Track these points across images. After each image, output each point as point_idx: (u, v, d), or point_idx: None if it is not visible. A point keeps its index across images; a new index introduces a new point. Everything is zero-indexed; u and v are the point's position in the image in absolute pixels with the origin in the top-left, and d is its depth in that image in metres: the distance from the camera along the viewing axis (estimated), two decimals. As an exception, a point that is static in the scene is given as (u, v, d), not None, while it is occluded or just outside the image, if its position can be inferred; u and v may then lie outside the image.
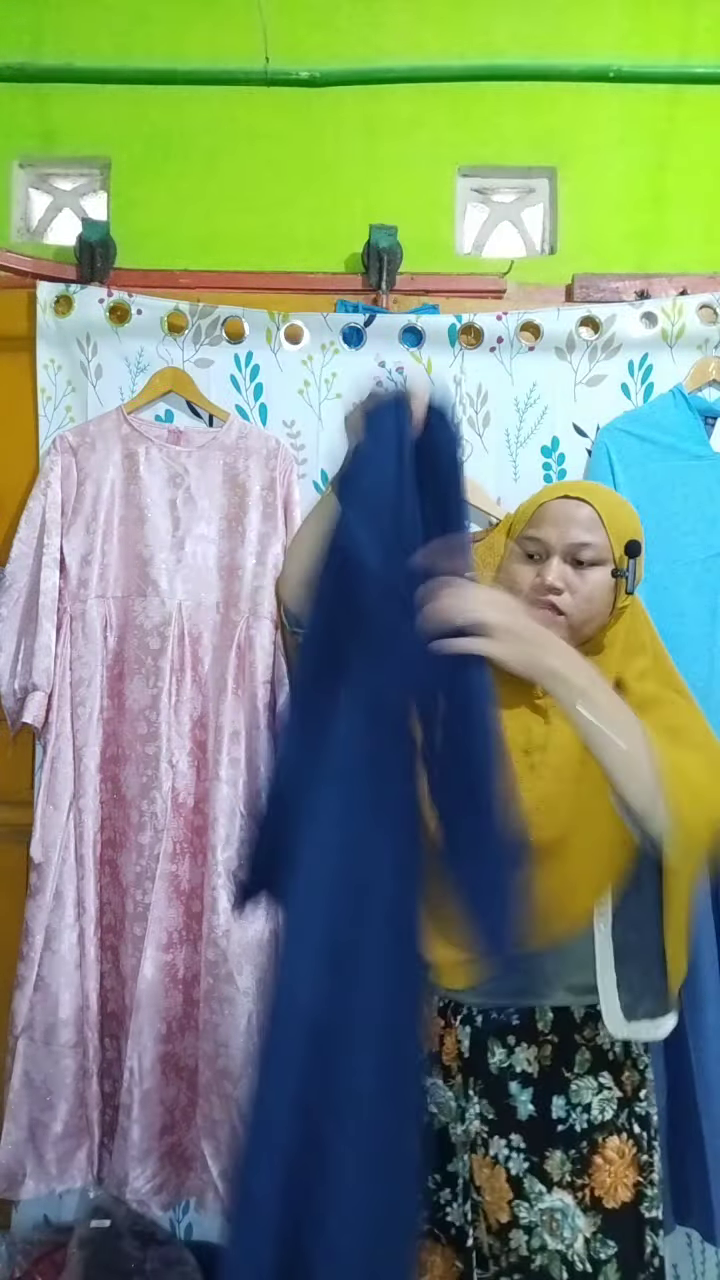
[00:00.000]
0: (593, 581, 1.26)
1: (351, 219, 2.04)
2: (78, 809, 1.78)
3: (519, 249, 2.18)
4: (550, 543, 1.27)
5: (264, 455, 1.87)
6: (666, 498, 1.83)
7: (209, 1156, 1.70)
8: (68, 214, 2.20)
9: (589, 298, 2.01)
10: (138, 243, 2.05)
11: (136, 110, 2.10)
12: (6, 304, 1.95)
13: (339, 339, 1.92)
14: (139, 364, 1.93)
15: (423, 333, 1.92)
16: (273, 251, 2.07)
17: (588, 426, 1.91)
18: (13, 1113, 1.73)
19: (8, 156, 2.14)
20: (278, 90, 2.09)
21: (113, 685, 1.82)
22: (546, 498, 1.32)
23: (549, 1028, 1.26)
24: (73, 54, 2.10)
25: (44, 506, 1.84)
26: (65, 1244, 1.75)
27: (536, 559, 1.28)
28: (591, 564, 1.26)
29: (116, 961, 1.79)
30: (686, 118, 2.09)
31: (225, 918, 1.71)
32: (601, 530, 1.27)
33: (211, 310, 1.92)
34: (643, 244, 2.08)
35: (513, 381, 1.92)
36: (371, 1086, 1.00)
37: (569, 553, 1.26)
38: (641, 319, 1.91)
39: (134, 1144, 1.70)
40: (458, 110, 2.10)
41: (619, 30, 2.10)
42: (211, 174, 2.10)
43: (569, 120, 2.11)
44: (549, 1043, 1.26)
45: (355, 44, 2.09)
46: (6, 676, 1.81)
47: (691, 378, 1.89)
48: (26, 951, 1.74)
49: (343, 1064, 0.99)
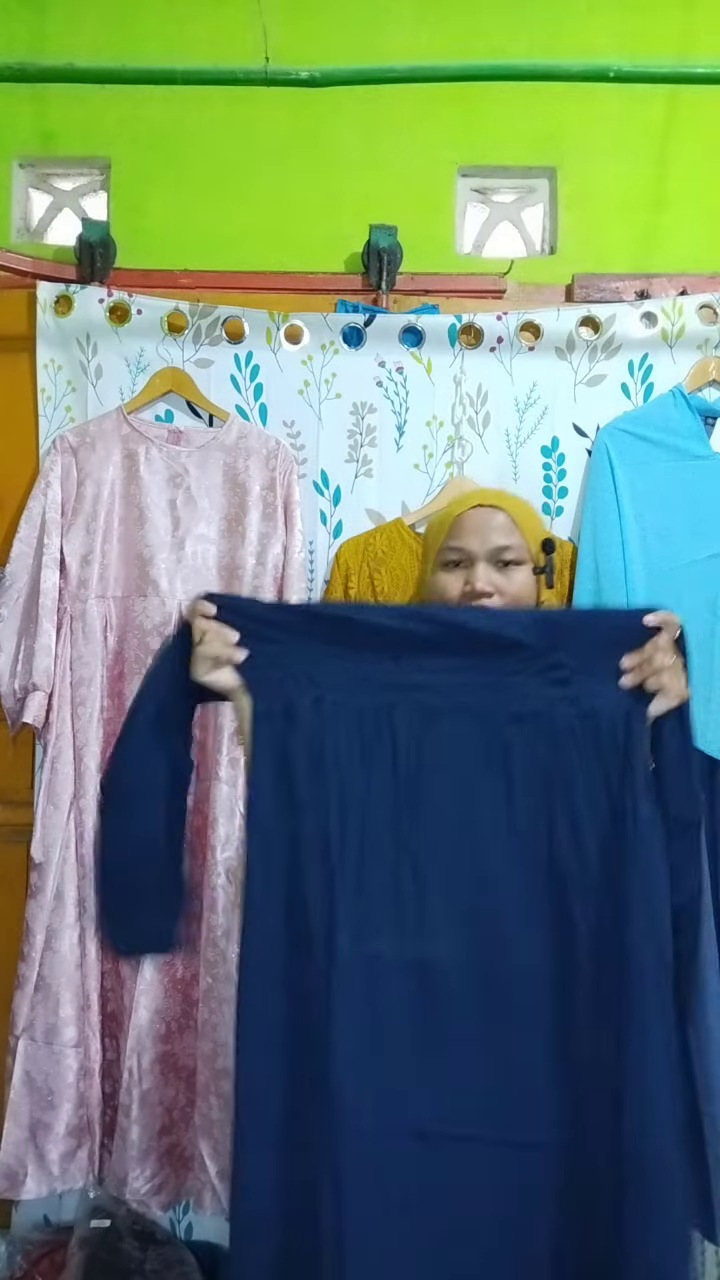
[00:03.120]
0: (518, 581, 1.33)
1: (351, 219, 2.04)
2: (78, 809, 1.78)
3: (519, 249, 2.18)
4: (473, 550, 1.33)
5: (264, 455, 1.87)
6: (666, 497, 1.83)
7: (207, 1156, 1.70)
8: (68, 214, 2.20)
9: (589, 298, 2.01)
10: (138, 243, 2.05)
11: (136, 110, 2.10)
12: (6, 304, 1.95)
13: (339, 339, 1.92)
14: (139, 364, 1.93)
15: (423, 333, 1.92)
16: (273, 251, 2.07)
17: (588, 426, 1.91)
18: (13, 1112, 1.73)
19: (8, 156, 2.14)
20: (278, 90, 2.09)
21: (113, 685, 1.82)
22: (460, 509, 1.37)
23: None
24: (73, 54, 2.10)
25: (44, 506, 1.84)
26: (65, 1244, 1.75)
27: (462, 567, 1.34)
28: (514, 564, 1.33)
29: (116, 961, 1.79)
30: (686, 118, 2.09)
31: (225, 918, 1.71)
32: (518, 533, 1.35)
33: (211, 310, 1.92)
34: (643, 244, 2.08)
35: (513, 381, 1.92)
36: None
37: (492, 556, 1.33)
38: (641, 319, 1.91)
39: (133, 1144, 1.71)
40: (458, 110, 2.10)
41: (619, 30, 2.10)
42: (211, 174, 2.10)
43: (569, 120, 2.11)
44: None
45: (355, 44, 2.09)
46: (6, 676, 1.81)
47: (691, 378, 1.89)
48: (27, 951, 1.74)
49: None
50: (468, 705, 1.13)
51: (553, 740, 1.12)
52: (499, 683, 1.13)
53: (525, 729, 1.13)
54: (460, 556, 1.34)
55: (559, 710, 1.12)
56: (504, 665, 1.14)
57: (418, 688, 1.14)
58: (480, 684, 1.14)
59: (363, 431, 1.93)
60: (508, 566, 1.33)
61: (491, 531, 1.34)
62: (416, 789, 1.12)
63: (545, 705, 1.12)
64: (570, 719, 1.12)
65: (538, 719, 1.12)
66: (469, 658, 1.14)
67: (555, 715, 1.12)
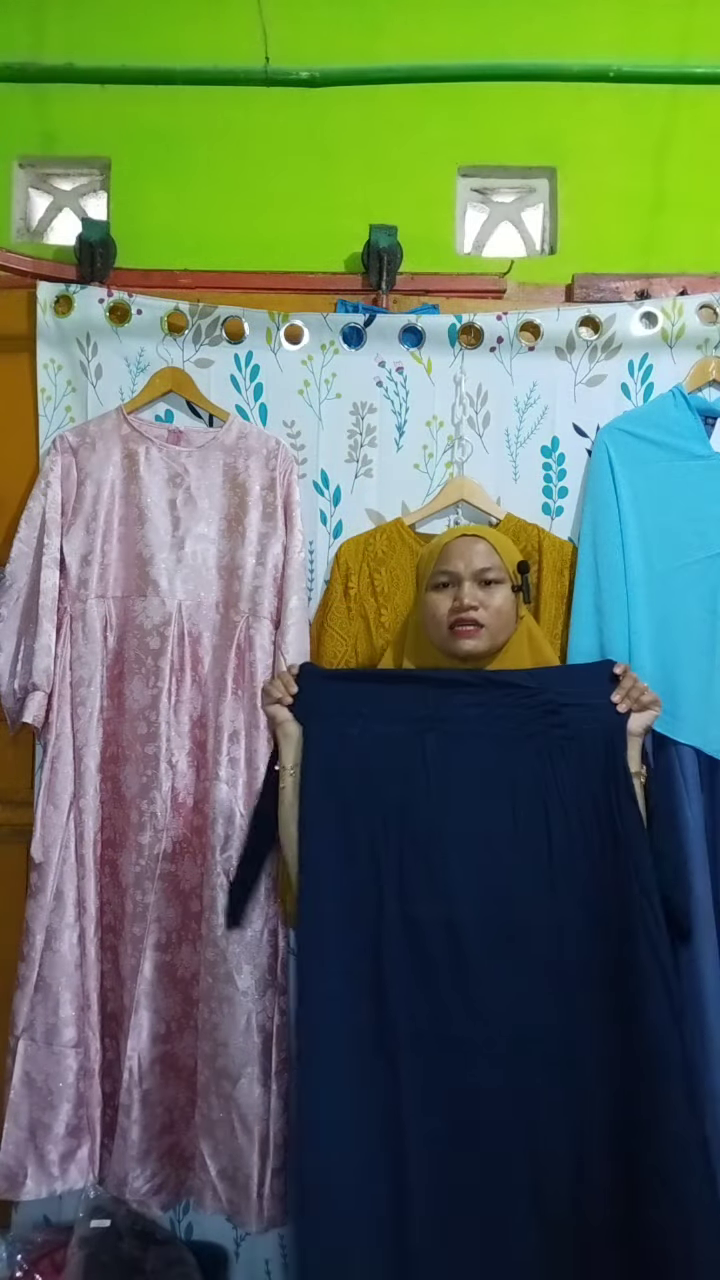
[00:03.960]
0: (500, 597, 1.57)
1: (351, 219, 2.04)
2: (78, 809, 1.78)
3: (519, 249, 2.18)
4: (459, 572, 1.57)
5: (264, 455, 1.87)
6: (666, 497, 1.83)
7: (207, 1156, 1.70)
8: (68, 214, 2.20)
9: (589, 298, 2.01)
10: (138, 243, 2.06)
11: (136, 110, 2.11)
12: (6, 304, 1.95)
13: (339, 339, 1.92)
14: (139, 364, 1.93)
15: (423, 333, 1.92)
16: (273, 251, 2.07)
17: (588, 426, 1.91)
18: (13, 1113, 1.73)
19: (8, 156, 2.15)
20: (278, 90, 2.09)
21: (113, 685, 1.82)
22: (448, 539, 1.62)
23: None
24: (73, 54, 2.10)
25: (44, 506, 1.84)
26: (65, 1244, 1.75)
27: (450, 586, 1.57)
28: (495, 583, 1.57)
29: (116, 961, 1.79)
30: (686, 118, 2.09)
31: (225, 918, 1.71)
32: (496, 556, 1.59)
33: (211, 310, 1.92)
34: (643, 244, 2.08)
35: (513, 381, 1.92)
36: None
37: (476, 576, 1.57)
38: (641, 319, 1.91)
39: (133, 1144, 1.70)
40: (458, 110, 2.10)
41: (619, 30, 2.10)
42: (211, 174, 2.10)
43: (569, 120, 2.11)
44: None
45: (355, 44, 2.09)
46: (6, 676, 1.81)
47: (691, 378, 1.89)
48: (27, 951, 1.74)
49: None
50: (483, 732, 1.48)
51: (548, 759, 1.46)
52: (507, 714, 1.48)
53: (527, 748, 1.47)
54: (449, 578, 1.58)
55: (553, 734, 1.47)
56: (509, 704, 1.48)
57: (443, 719, 1.48)
58: (492, 716, 1.48)
59: (363, 431, 1.93)
60: (489, 585, 1.57)
61: (474, 556, 1.57)
62: (445, 796, 1.45)
63: (542, 730, 1.47)
64: (560, 739, 1.47)
65: (536, 741, 1.47)
66: (482, 696, 1.49)
67: (550, 738, 1.47)
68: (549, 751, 1.46)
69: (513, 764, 1.47)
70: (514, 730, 1.47)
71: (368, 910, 1.42)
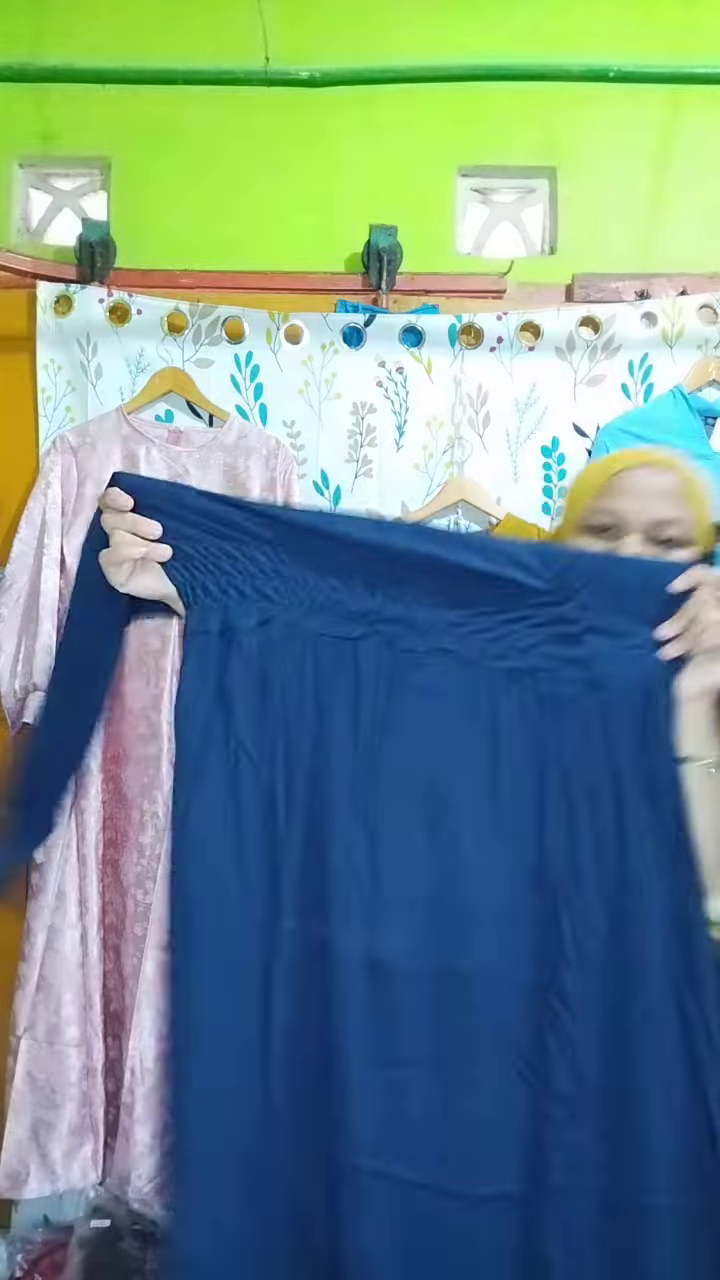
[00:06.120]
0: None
1: (351, 219, 2.03)
2: (79, 809, 1.78)
3: (519, 249, 2.18)
4: (628, 517, 1.07)
5: (264, 455, 1.87)
6: (666, 497, 1.84)
7: (210, 1156, 1.70)
8: (68, 214, 2.20)
9: (589, 298, 2.01)
10: (138, 243, 2.05)
11: (136, 110, 2.10)
12: (6, 304, 1.95)
13: (339, 339, 1.92)
14: (139, 364, 1.93)
15: (423, 333, 1.92)
16: (273, 251, 2.07)
17: (588, 426, 1.91)
18: (16, 1112, 1.73)
19: (8, 156, 2.14)
20: (278, 90, 2.09)
21: (113, 685, 1.82)
22: (621, 465, 1.12)
23: None
24: (73, 54, 2.10)
25: (44, 506, 1.84)
26: (65, 1244, 1.75)
27: (610, 534, 1.09)
28: (676, 543, 1.06)
29: (118, 961, 1.79)
30: (686, 118, 2.09)
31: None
32: (686, 504, 1.08)
33: (211, 310, 1.92)
34: (643, 244, 2.08)
35: (513, 381, 1.92)
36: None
37: (651, 529, 1.07)
38: (641, 319, 1.91)
39: (136, 1143, 1.71)
40: (458, 110, 2.10)
41: (619, 30, 2.09)
42: (211, 174, 2.10)
43: (569, 120, 2.10)
44: None
45: (355, 44, 2.09)
46: (6, 676, 1.81)
47: (691, 378, 1.89)
48: (28, 951, 1.74)
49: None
50: (452, 651, 0.92)
51: (553, 709, 0.90)
52: (494, 629, 0.92)
53: (520, 690, 0.91)
54: (612, 520, 1.08)
55: (564, 673, 0.90)
56: (502, 609, 0.91)
57: (393, 621, 0.91)
58: (471, 627, 0.92)
59: (363, 431, 1.93)
60: (668, 545, 1.06)
61: (655, 498, 1.08)
62: (378, 747, 0.91)
63: (547, 664, 0.91)
64: (577, 685, 0.90)
65: (536, 679, 0.91)
66: (461, 593, 0.91)
67: (559, 678, 0.90)
68: (556, 699, 0.90)
69: (496, 708, 0.91)
70: (505, 656, 0.91)
71: (249, 931, 0.91)
